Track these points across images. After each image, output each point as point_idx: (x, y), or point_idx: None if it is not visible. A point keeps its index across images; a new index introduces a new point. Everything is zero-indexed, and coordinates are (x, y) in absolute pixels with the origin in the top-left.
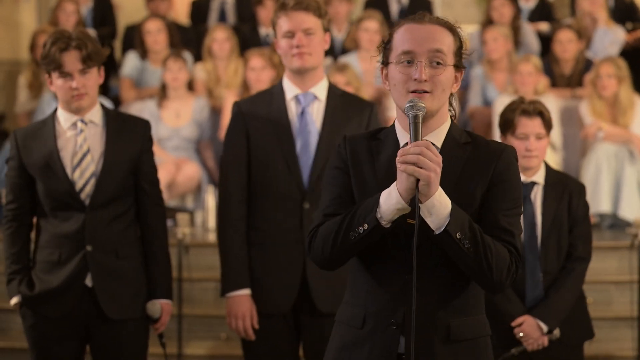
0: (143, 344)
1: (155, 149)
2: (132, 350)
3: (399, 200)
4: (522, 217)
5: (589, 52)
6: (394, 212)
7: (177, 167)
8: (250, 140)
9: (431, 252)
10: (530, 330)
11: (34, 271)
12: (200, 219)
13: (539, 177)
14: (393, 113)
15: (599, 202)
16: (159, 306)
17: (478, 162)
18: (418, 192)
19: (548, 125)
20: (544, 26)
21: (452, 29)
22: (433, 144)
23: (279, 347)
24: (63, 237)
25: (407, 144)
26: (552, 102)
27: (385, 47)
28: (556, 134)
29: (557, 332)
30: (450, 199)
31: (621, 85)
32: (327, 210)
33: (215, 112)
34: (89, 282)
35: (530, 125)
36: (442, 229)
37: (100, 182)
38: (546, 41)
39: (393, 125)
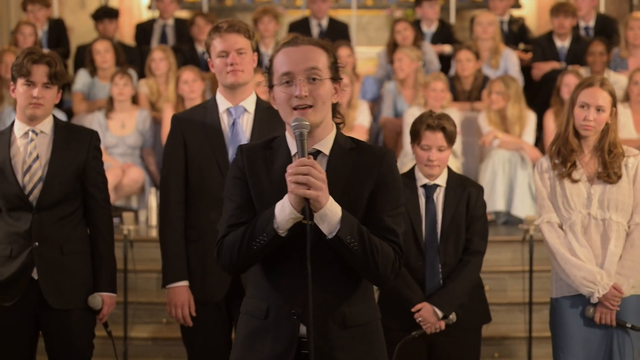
0: (89, 330)
1: (104, 155)
2: (78, 336)
3: (292, 211)
4: (423, 214)
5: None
6: (289, 222)
7: (123, 171)
8: (188, 148)
9: (325, 250)
10: (428, 315)
11: None
12: (143, 217)
13: (442, 180)
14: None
15: (495, 202)
16: (100, 299)
17: (363, 166)
18: (309, 207)
19: (450, 139)
20: (447, 48)
21: (324, 47)
22: (321, 152)
23: (213, 332)
24: (14, 234)
25: (296, 155)
26: (455, 114)
27: (268, 71)
28: (457, 142)
29: (453, 317)
30: (340, 203)
31: (508, 102)
32: (230, 221)
33: (157, 123)
34: (35, 274)
35: (432, 139)
36: (334, 234)
37: (46, 186)
38: (447, 60)
39: (285, 135)
